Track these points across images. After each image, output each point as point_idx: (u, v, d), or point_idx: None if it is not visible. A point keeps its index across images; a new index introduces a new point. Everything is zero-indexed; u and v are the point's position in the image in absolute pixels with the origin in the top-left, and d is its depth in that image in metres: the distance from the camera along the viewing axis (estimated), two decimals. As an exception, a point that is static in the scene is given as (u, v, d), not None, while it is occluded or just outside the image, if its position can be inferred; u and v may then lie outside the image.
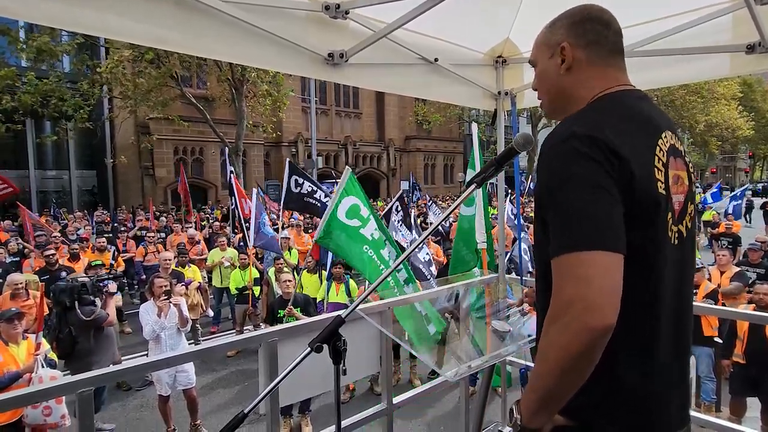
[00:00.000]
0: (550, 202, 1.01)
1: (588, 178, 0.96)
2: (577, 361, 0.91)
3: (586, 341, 0.89)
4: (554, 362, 0.93)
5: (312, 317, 4.52)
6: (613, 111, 1.08)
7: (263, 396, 1.24)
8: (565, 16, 1.18)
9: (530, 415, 1.00)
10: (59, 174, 22.67)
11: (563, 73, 1.16)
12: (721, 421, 2.43)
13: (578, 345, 0.90)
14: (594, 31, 1.14)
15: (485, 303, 2.90)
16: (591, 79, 1.14)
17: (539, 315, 1.23)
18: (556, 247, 0.97)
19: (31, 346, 3.83)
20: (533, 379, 1.00)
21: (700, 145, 32.87)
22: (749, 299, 4.92)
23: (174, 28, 1.65)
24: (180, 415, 4.92)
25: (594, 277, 0.90)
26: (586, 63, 1.14)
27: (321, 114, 27.47)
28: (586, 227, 0.94)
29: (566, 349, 0.91)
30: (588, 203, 0.95)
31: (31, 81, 14.29)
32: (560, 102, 1.21)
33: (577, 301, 0.90)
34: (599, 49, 1.14)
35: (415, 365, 6.10)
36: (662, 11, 2.33)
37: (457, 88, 2.82)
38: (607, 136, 0.99)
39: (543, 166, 1.05)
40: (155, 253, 8.94)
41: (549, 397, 0.97)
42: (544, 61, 1.20)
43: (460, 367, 1.85)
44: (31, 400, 1.67)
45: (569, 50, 1.14)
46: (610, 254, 0.92)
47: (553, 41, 1.17)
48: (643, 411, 1.05)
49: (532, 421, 1.00)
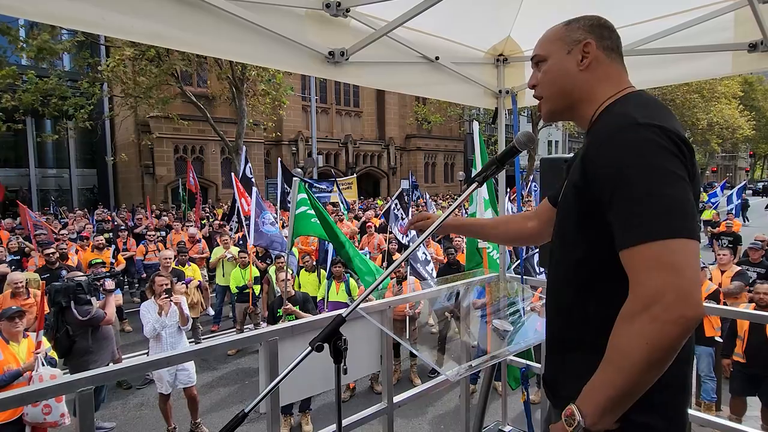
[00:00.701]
0: (624, 191, 0.96)
1: (667, 167, 0.94)
2: (666, 353, 0.88)
3: (679, 332, 0.86)
4: (639, 357, 0.88)
5: (312, 315, 4.53)
6: (649, 104, 1.08)
7: (264, 395, 1.24)
8: (583, 19, 1.20)
9: (600, 415, 0.95)
10: (60, 173, 22.71)
11: (583, 69, 1.16)
12: (721, 420, 2.43)
13: (670, 337, 0.87)
14: (611, 37, 1.19)
15: (486, 302, 2.90)
16: (607, 78, 1.16)
17: (555, 314, 1.22)
18: (634, 237, 0.93)
19: (32, 344, 3.83)
20: (606, 376, 0.94)
21: (700, 143, 32.84)
22: (749, 298, 4.92)
23: (175, 25, 1.64)
24: (180, 414, 4.92)
25: (684, 266, 0.88)
26: (605, 63, 1.17)
27: (321, 112, 27.46)
28: (671, 214, 0.91)
29: (657, 341, 0.87)
30: (670, 191, 0.93)
31: (32, 80, 14.28)
32: (569, 99, 1.20)
33: (668, 291, 0.87)
34: (614, 53, 1.18)
35: (414, 364, 6.10)
36: (664, 9, 2.32)
37: (458, 87, 2.81)
38: (671, 124, 1.00)
39: (611, 155, 1.00)
40: (155, 252, 8.94)
41: (626, 395, 0.92)
42: (561, 56, 1.19)
43: (461, 366, 1.85)
44: (30, 399, 1.67)
45: (594, 49, 1.16)
46: (694, 242, 0.91)
47: (574, 38, 1.18)
48: (685, 403, 1.07)
49: (602, 422, 0.95)
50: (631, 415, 0.98)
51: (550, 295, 1.25)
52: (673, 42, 2.31)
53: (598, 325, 1.04)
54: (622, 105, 1.11)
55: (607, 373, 0.94)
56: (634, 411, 0.98)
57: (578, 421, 0.96)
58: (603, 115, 1.13)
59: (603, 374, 0.95)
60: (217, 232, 10.80)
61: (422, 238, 1.35)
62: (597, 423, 0.95)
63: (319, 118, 25.37)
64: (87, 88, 15.14)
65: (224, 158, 21.45)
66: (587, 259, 1.09)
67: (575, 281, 1.12)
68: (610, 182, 0.98)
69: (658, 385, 0.93)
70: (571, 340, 1.15)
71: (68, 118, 15.65)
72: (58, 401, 3.58)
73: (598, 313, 1.07)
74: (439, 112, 25.34)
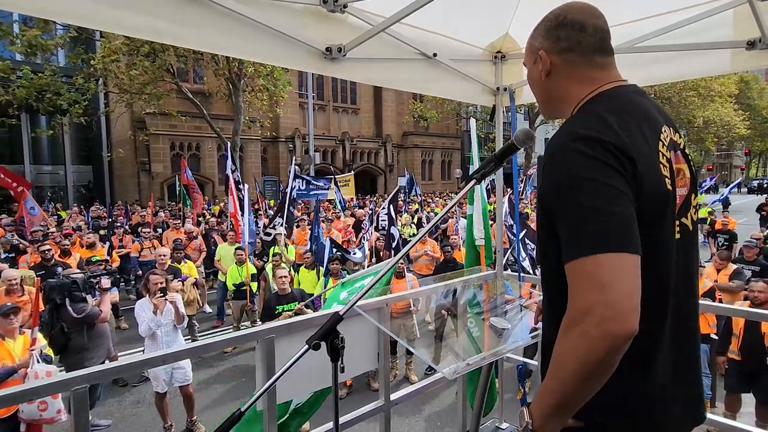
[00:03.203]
0: (561, 206, 0.99)
1: (599, 180, 0.94)
2: (596, 368, 0.88)
3: (607, 349, 0.86)
4: (572, 370, 0.90)
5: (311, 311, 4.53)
6: (611, 108, 1.05)
7: (260, 393, 1.24)
8: (542, 22, 1.18)
9: (544, 420, 0.97)
10: (55, 169, 22.55)
11: (544, 78, 1.18)
12: (716, 416, 2.44)
13: (598, 353, 0.87)
14: (567, 38, 1.13)
15: (483, 299, 2.90)
16: (572, 82, 1.14)
17: (544, 314, 1.22)
18: (571, 251, 0.94)
19: (27, 341, 3.81)
20: (549, 384, 0.96)
21: (696, 142, 32.99)
22: (744, 296, 4.94)
23: (171, 20, 1.62)
24: (176, 411, 4.91)
25: (614, 281, 0.87)
26: (564, 68, 1.15)
27: (318, 110, 27.37)
28: (602, 229, 0.91)
29: (585, 357, 0.88)
30: (602, 205, 0.92)
31: (26, 75, 14.17)
32: (550, 104, 1.23)
33: (596, 306, 0.87)
34: (575, 54, 1.13)
35: (411, 361, 6.11)
36: (663, 6, 2.31)
37: (456, 84, 2.80)
38: (611, 136, 0.98)
39: (550, 170, 1.02)
40: (151, 249, 8.90)
41: (565, 403, 0.94)
42: (530, 66, 1.22)
43: (458, 364, 1.84)
44: (25, 397, 1.66)
45: (545, 58, 1.16)
46: (629, 255, 0.89)
47: (534, 47, 1.19)
48: (653, 406, 1.05)
49: (546, 426, 0.97)
50: (595, 417, 1.02)
51: (543, 301, 1.26)
52: (672, 39, 2.31)
53: None
54: (580, 112, 1.12)
55: (550, 380, 0.96)
56: (597, 412, 1.01)
57: (526, 423, 0.99)
58: (576, 115, 1.13)
59: (547, 381, 0.97)
60: (214, 228, 10.78)
61: (419, 237, 1.34)
62: (543, 426, 0.97)
63: (316, 115, 25.29)
64: (82, 83, 15.04)
65: (221, 155, 21.39)
66: (558, 265, 1.09)
67: (553, 284, 1.13)
68: (551, 198, 1.02)
69: (616, 389, 0.97)
70: (551, 342, 1.15)
71: (63, 113, 15.55)
72: (54, 398, 3.57)
73: None
74: (435, 109, 25.35)
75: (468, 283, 2.90)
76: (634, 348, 1.00)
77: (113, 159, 20.79)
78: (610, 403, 1.03)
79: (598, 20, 1.14)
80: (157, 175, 21.00)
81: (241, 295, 7.20)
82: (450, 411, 5.14)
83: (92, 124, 17.33)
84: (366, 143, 29.53)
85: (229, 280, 7.30)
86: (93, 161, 23.10)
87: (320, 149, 26.21)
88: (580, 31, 1.12)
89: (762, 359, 4.23)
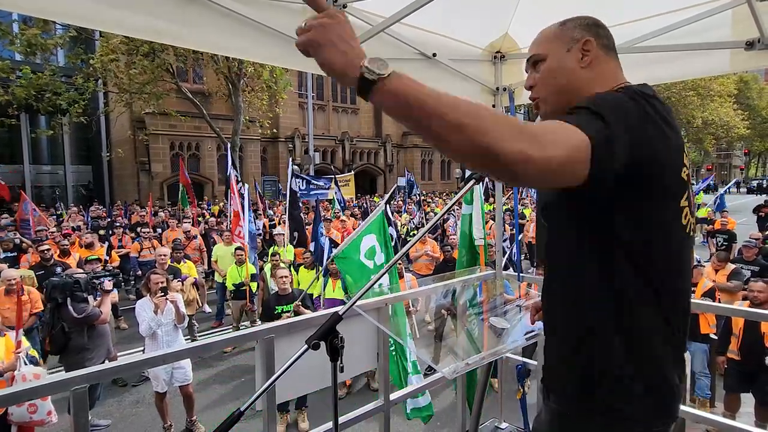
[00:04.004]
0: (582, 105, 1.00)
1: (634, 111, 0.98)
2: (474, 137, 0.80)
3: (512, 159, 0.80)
4: (460, 110, 0.82)
5: (310, 312, 4.54)
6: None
7: (260, 393, 1.24)
8: (578, 18, 1.21)
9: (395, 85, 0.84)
10: (54, 169, 22.55)
11: (585, 66, 1.17)
12: (715, 416, 2.44)
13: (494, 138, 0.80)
14: (607, 36, 1.20)
15: (482, 299, 2.90)
16: (606, 75, 1.17)
17: (547, 314, 1.23)
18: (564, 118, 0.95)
19: (11, 343, 3.77)
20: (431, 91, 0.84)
21: (695, 141, 33.00)
22: (743, 296, 4.95)
23: (171, 20, 1.63)
24: (176, 411, 4.91)
25: (566, 144, 0.86)
26: (603, 60, 1.18)
27: (318, 110, 27.38)
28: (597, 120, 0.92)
29: (483, 123, 0.80)
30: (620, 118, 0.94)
31: (26, 74, 14.17)
32: (568, 97, 1.18)
33: (539, 137, 0.83)
34: (611, 52, 1.20)
35: (411, 361, 6.11)
36: (662, 7, 2.32)
37: (456, 84, 2.81)
38: (650, 96, 1.04)
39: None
40: (150, 249, 8.90)
41: (417, 105, 0.83)
42: (561, 54, 1.18)
43: (458, 364, 1.84)
44: (23, 397, 1.66)
45: (594, 47, 1.17)
46: (588, 147, 0.88)
47: (572, 36, 1.18)
48: (656, 391, 1.07)
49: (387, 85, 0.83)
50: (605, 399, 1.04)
51: (543, 295, 1.29)
52: (671, 40, 2.31)
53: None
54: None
55: (434, 93, 0.85)
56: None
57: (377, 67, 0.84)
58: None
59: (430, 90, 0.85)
60: (213, 228, 10.78)
61: (418, 237, 1.35)
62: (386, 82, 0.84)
63: (315, 115, 25.32)
64: (82, 83, 15.03)
65: (220, 155, 21.40)
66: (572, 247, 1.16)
67: (556, 281, 1.20)
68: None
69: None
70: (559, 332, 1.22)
71: (62, 113, 15.55)
72: (44, 400, 3.52)
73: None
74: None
75: (467, 283, 2.91)
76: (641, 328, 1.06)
77: (113, 159, 20.81)
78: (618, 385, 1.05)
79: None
80: (157, 174, 21.00)
81: (241, 295, 7.20)
82: (450, 411, 5.14)
83: (92, 123, 17.35)
84: (366, 143, 29.53)
85: (229, 281, 7.30)
86: (92, 161, 23.11)
87: (320, 149, 26.23)
88: (611, 36, 1.21)
89: (761, 359, 4.24)
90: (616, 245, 1.04)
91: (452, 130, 0.81)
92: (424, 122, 0.84)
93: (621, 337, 1.05)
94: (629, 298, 1.05)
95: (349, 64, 0.85)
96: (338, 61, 0.85)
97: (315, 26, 0.86)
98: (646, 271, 1.04)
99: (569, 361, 1.13)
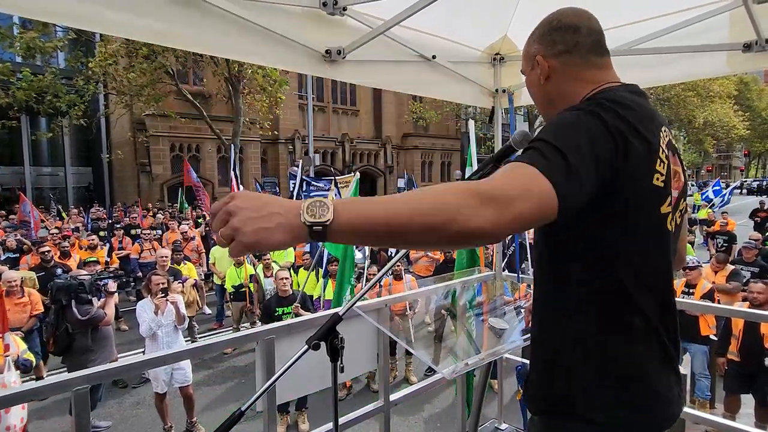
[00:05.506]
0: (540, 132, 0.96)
1: (592, 128, 0.94)
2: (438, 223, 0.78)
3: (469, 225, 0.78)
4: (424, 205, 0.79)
5: (310, 313, 4.54)
6: (614, 99, 1.06)
7: (260, 394, 1.24)
8: (537, 27, 1.20)
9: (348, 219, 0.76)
10: (55, 171, 22.57)
11: (543, 82, 1.18)
12: (715, 417, 2.45)
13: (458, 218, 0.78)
14: (563, 41, 1.14)
15: (482, 300, 2.91)
16: (572, 83, 1.15)
17: (536, 322, 1.22)
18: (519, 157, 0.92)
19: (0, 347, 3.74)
20: (388, 201, 0.81)
21: (695, 143, 32.98)
22: (743, 297, 4.95)
23: (172, 23, 1.63)
24: (176, 412, 4.91)
25: (530, 194, 0.83)
26: (562, 70, 1.16)
27: (318, 111, 27.37)
28: (555, 154, 0.88)
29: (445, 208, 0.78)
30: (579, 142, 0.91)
31: (26, 77, 14.19)
32: (551, 107, 1.22)
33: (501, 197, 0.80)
34: (573, 56, 1.15)
35: (410, 362, 6.11)
36: (660, 9, 2.33)
37: (455, 86, 2.81)
38: (615, 108, 1.00)
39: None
40: (151, 251, 8.91)
41: (383, 223, 0.78)
42: (528, 72, 1.23)
43: (457, 365, 1.85)
44: (25, 397, 1.66)
45: (543, 62, 1.17)
46: (551, 189, 0.84)
47: (531, 53, 1.20)
48: (638, 396, 1.05)
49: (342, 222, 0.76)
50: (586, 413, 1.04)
51: (534, 303, 1.28)
52: (669, 42, 2.32)
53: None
54: (593, 98, 1.12)
55: (392, 201, 0.81)
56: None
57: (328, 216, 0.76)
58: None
59: (388, 200, 0.81)
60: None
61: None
62: (341, 223, 0.76)
63: (315, 117, 25.27)
64: (82, 85, 15.05)
65: (220, 157, 21.39)
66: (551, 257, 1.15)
67: (547, 289, 1.18)
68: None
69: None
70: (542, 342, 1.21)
71: (62, 115, 15.56)
72: (7, 412, 3.38)
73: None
74: (434, 110, 25.34)
75: (467, 283, 2.91)
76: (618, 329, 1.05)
77: (113, 160, 20.78)
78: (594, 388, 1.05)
79: (590, 22, 1.16)
80: (157, 176, 20.99)
81: (241, 297, 7.20)
82: (449, 411, 5.15)
83: (92, 125, 17.35)
84: (366, 144, 29.52)
85: (228, 282, 7.30)
86: (93, 163, 23.12)
87: (320, 150, 26.22)
88: (575, 33, 1.14)
89: (761, 360, 4.24)
90: (584, 257, 1.04)
91: (423, 235, 0.79)
92: (396, 238, 0.81)
93: (596, 349, 1.05)
94: (604, 310, 1.04)
95: (289, 227, 0.75)
96: (276, 230, 0.74)
97: (222, 216, 0.75)
98: (619, 282, 1.03)
99: (547, 374, 1.13)
